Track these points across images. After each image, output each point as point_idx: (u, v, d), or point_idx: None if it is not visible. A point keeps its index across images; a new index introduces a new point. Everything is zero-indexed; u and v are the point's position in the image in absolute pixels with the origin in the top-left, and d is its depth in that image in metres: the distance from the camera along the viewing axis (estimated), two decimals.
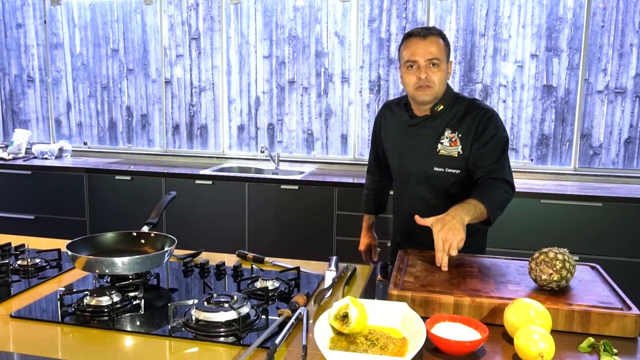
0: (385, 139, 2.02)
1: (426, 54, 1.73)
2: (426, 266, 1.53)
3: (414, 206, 1.90)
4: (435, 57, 1.74)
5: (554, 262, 1.33)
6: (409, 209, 1.90)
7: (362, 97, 3.87)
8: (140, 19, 4.21)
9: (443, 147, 1.82)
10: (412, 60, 1.75)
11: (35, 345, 1.20)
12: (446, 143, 1.81)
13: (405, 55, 1.78)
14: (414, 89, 1.77)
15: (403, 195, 1.96)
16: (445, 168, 1.82)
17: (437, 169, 1.83)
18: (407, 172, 1.91)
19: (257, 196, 3.52)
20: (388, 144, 2.00)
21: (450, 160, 1.81)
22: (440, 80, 1.76)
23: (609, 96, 3.50)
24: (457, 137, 1.80)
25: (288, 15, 3.93)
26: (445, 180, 1.83)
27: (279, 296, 1.49)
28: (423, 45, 1.74)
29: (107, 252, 1.64)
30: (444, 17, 3.65)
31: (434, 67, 1.75)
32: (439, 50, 1.75)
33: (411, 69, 1.77)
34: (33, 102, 4.57)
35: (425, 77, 1.74)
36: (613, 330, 1.22)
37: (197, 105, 4.20)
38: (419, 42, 1.75)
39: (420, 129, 1.86)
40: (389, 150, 2.00)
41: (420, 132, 1.86)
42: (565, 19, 3.49)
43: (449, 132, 1.82)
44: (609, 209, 3.05)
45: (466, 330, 1.19)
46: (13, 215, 3.98)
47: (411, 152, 1.89)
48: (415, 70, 1.76)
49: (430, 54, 1.73)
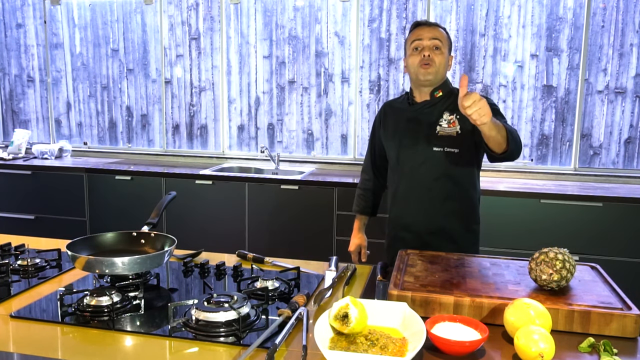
0: (385, 133, 2.07)
1: (430, 35, 1.88)
2: (426, 266, 1.53)
3: (412, 190, 1.95)
4: (439, 39, 1.87)
5: (554, 262, 1.33)
6: (408, 195, 1.96)
7: (362, 97, 3.87)
8: (140, 19, 4.21)
9: (442, 129, 1.88)
10: (418, 39, 1.88)
11: (35, 345, 1.20)
12: (444, 124, 1.88)
13: (412, 38, 1.91)
14: (418, 67, 1.87)
15: (401, 183, 1.99)
16: (445, 147, 1.87)
17: (435, 149, 1.88)
18: (407, 158, 1.95)
19: (257, 196, 3.52)
20: (387, 136, 2.05)
21: (449, 139, 1.87)
22: (441, 63, 1.87)
23: (609, 96, 3.50)
24: (455, 118, 1.88)
25: (288, 15, 3.93)
26: (444, 161, 1.88)
27: (279, 296, 1.49)
28: (428, 30, 1.89)
29: (107, 252, 1.64)
30: (444, 17, 3.65)
31: (436, 50, 1.87)
32: (442, 37, 1.89)
33: (416, 51, 1.88)
34: (33, 102, 4.57)
35: (428, 55, 1.85)
36: (613, 330, 1.22)
37: (197, 105, 4.20)
38: (424, 28, 1.90)
39: (420, 114, 1.94)
40: (388, 142, 2.05)
41: (420, 117, 1.94)
42: (565, 19, 3.49)
43: (447, 114, 1.90)
44: (609, 209, 3.05)
45: (466, 330, 1.19)
46: (13, 215, 3.98)
47: (411, 137, 1.94)
48: (420, 51, 1.87)
49: (434, 35, 1.88)
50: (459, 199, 1.92)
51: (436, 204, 1.92)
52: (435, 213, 1.92)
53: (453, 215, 1.92)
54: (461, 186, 1.92)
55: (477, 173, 1.97)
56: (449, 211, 1.92)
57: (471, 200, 1.95)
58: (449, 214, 1.92)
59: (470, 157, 1.90)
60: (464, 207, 1.94)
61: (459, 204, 1.92)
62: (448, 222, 1.92)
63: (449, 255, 1.65)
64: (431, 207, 1.92)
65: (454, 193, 1.91)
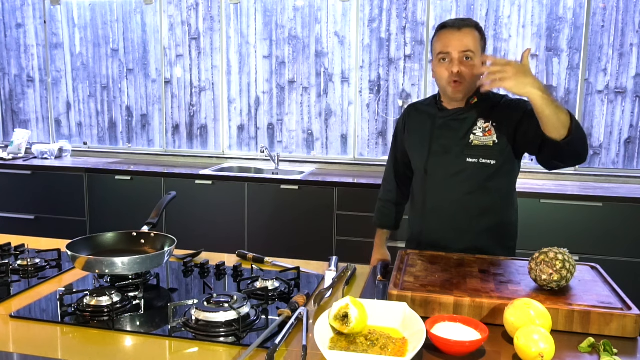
0: (410, 138, 1.90)
1: (460, 46, 1.65)
2: (426, 266, 1.53)
3: (442, 205, 1.79)
4: (469, 50, 1.65)
5: (554, 262, 1.33)
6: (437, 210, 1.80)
7: (362, 97, 3.87)
8: (140, 19, 4.21)
9: (476, 138, 1.72)
10: (445, 52, 1.67)
11: (35, 345, 1.20)
12: (479, 133, 1.72)
13: (438, 47, 1.70)
14: (447, 84, 1.70)
15: (429, 194, 1.82)
16: (480, 159, 1.71)
17: (470, 160, 1.72)
18: (437, 168, 1.79)
19: (257, 196, 3.52)
20: (413, 142, 1.88)
21: (485, 149, 1.71)
22: (472, 75, 1.67)
23: (609, 96, 3.50)
24: (492, 126, 1.71)
25: (288, 15, 3.93)
26: (479, 173, 1.72)
27: (279, 296, 1.49)
28: (457, 37, 1.66)
29: (107, 252, 1.64)
30: (444, 17, 3.64)
31: (467, 61, 1.66)
32: (474, 42, 1.67)
33: (443, 62, 1.69)
34: (33, 102, 4.56)
35: (457, 71, 1.66)
36: (613, 330, 1.22)
37: (197, 105, 4.20)
38: (453, 34, 1.67)
39: (452, 121, 1.77)
40: (414, 150, 1.88)
41: (451, 124, 1.77)
42: (565, 19, 3.49)
43: (481, 122, 1.72)
44: (609, 209, 3.05)
45: (466, 330, 1.19)
46: (13, 215, 3.98)
47: (441, 147, 1.78)
48: (448, 63, 1.68)
49: (464, 46, 1.65)
50: (495, 215, 1.77)
51: (470, 221, 1.76)
52: (469, 230, 1.76)
53: (488, 233, 1.77)
54: (498, 201, 1.77)
55: (514, 186, 1.83)
56: (483, 229, 1.76)
57: (508, 216, 1.82)
58: (483, 232, 1.76)
59: (508, 170, 1.75)
60: (500, 223, 1.79)
61: (495, 220, 1.77)
62: (482, 241, 1.76)
63: (449, 255, 1.65)
64: (464, 224, 1.76)
65: (489, 208, 1.76)
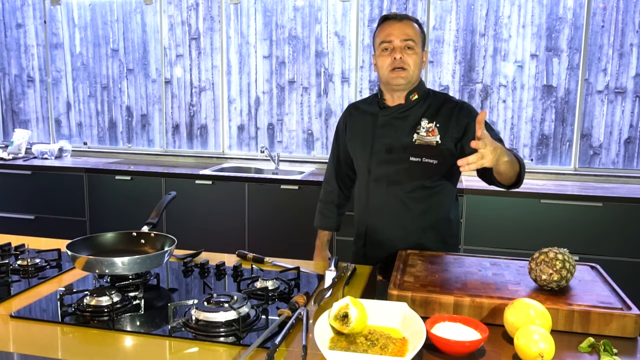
0: (352, 138, 1.91)
1: (401, 34, 1.71)
2: (426, 266, 1.53)
3: (386, 204, 1.81)
4: (411, 39, 1.71)
5: (554, 262, 1.33)
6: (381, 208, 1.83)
7: (362, 97, 3.87)
8: (140, 19, 4.21)
9: (419, 137, 1.74)
10: (388, 40, 1.72)
11: (35, 345, 1.20)
12: (423, 132, 1.74)
13: (381, 37, 1.74)
14: (389, 72, 1.73)
15: (372, 193, 1.84)
16: (423, 158, 1.74)
17: (413, 159, 1.74)
18: (379, 168, 1.81)
19: (257, 196, 3.52)
20: (355, 143, 1.89)
21: (428, 149, 1.73)
22: (415, 64, 1.72)
23: (609, 96, 3.50)
24: (435, 126, 1.74)
25: (288, 15, 3.93)
26: (422, 172, 1.75)
27: (279, 296, 1.49)
28: (399, 26, 1.72)
29: (107, 252, 1.64)
30: (444, 17, 3.65)
31: (409, 50, 1.71)
32: (415, 33, 1.73)
33: (386, 52, 1.73)
34: (33, 102, 4.57)
35: (400, 57, 1.70)
36: (613, 330, 1.22)
37: (197, 105, 4.20)
38: (394, 24, 1.73)
39: (393, 119, 1.79)
40: (356, 149, 1.89)
41: (393, 123, 1.79)
42: (565, 19, 3.49)
43: (425, 122, 1.75)
44: (609, 209, 3.05)
45: (466, 330, 1.19)
46: (13, 215, 3.98)
47: (383, 145, 1.79)
48: (390, 52, 1.72)
49: (405, 34, 1.71)
50: (436, 213, 1.81)
51: (413, 219, 1.79)
52: (413, 229, 1.80)
53: (430, 230, 1.81)
54: (439, 200, 1.80)
55: (455, 185, 1.86)
56: (426, 226, 1.80)
57: (448, 213, 1.85)
58: (427, 229, 1.81)
59: (450, 169, 1.77)
60: (440, 221, 1.83)
61: (436, 218, 1.81)
62: (425, 238, 1.80)
63: (449, 255, 1.65)
64: (408, 222, 1.80)
65: (431, 207, 1.80)
